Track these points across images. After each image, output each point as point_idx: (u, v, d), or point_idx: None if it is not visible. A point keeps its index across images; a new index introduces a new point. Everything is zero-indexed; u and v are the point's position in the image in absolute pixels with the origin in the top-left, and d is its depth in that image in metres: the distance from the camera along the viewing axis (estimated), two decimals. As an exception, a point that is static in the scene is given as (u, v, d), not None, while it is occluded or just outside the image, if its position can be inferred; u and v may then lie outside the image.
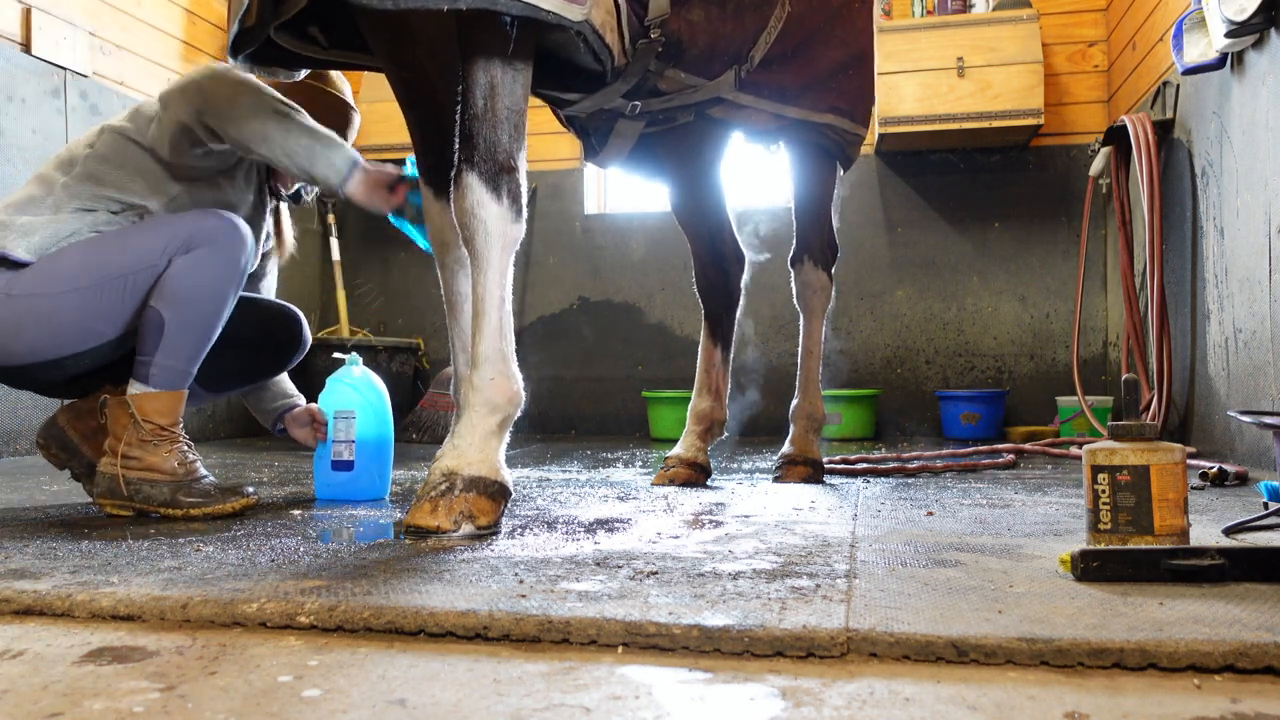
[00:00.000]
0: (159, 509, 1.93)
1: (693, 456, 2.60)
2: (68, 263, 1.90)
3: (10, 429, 3.54)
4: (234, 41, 1.87)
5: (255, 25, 1.82)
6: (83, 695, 0.91)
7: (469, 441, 1.70)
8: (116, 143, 2.02)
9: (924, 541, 1.60)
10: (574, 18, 1.69)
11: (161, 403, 1.94)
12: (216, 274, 1.93)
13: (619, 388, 5.20)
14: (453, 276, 2.08)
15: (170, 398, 1.95)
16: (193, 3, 4.60)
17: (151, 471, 1.94)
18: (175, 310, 1.90)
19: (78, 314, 1.89)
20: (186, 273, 1.90)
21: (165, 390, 1.94)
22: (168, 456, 1.94)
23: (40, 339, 1.89)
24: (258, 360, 2.25)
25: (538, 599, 1.16)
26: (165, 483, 1.93)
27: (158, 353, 1.91)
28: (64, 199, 1.97)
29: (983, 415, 4.54)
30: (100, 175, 2.00)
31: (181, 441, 1.99)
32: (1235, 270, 3.07)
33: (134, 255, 1.91)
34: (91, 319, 1.90)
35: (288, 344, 2.26)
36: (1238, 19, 2.77)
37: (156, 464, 1.94)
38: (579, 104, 2.22)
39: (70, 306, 1.88)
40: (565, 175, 5.34)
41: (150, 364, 1.92)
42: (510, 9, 1.61)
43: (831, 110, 2.54)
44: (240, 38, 1.86)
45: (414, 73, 2.00)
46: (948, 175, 4.94)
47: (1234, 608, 1.10)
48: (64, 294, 1.88)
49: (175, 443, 1.97)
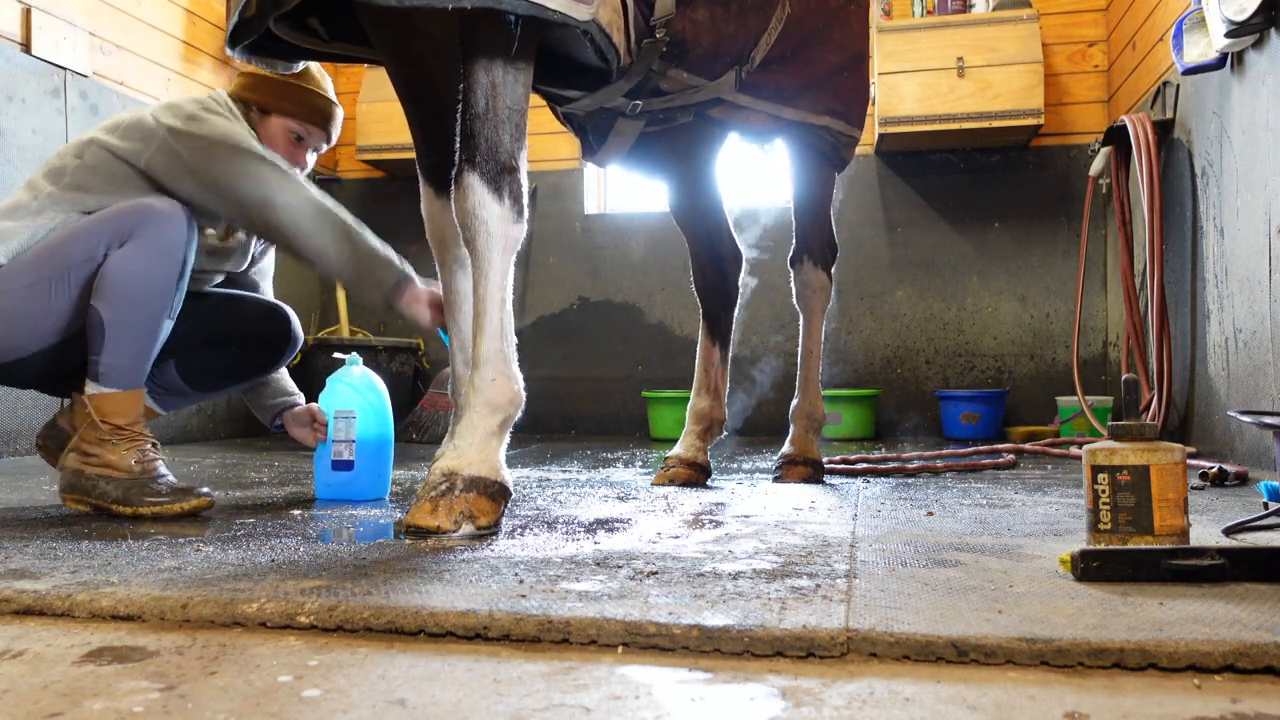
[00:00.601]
0: (112, 505, 1.93)
1: (693, 456, 2.60)
2: (26, 259, 1.92)
3: (10, 429, 3.54)
4: (232, 32, 1.87)
5: (255, 16, 1.81)
6: (83, 695, 0.91)
7: (469, 442, 1.70)
8: (104, 158, 2.02)
9: (924, 541, 1.60)
10: (581, 17, 1.68)
11: (115, 403, 1.95)
12: (150, 264, 1.91)
13: (619, 388, 5.20)
14: (452, 276, 2.08)
15: (124, 397, 1.95)
16: (193, 3, 4.60)
17: (108, 468, 1.94)
18: (112, 307, 1.89)
19: (29, 310, 1.90)
20: (120, 266, 1.90)
21: (120, 390, 1.94)
22: (126, 454, 1.94)
23: (2, 334, 1.90)
24: (246, 358, 2.25)
25: (538, 599, 1.16)
26: (121, 479, 1.93)
27: (103, 351, 1.91)
28: (47, 205, 1.98)
29: (983, 415, 4.54)
30: (87, 185, 2.00)
31: (143, 440, 1.99)
32: (1235, 270, 3.07)
33: (75, 248, 1.91)
34: (41, 315, 1.91)
35: (277, 342, 2.26)
36: (1238, 19, 2.77)
37: (114, 461, 1.94)
38: (579, 102, 2.21)
39: (23, 302, 1.89)
40: (565, 175, 5.34)
41: (99, 362, 1.92)
42: (516, 8, 1.60)
43: (828, 112, 2.54)
44: (239, 29, 1.85)
45: (416, 69, 1.99)
46: (948, 175, 4.94)
47: (1234, 608, 1.10)
48: (17, 290, 1.89)
49: (135, 441, 1.97)
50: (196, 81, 4.63)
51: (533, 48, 1.77)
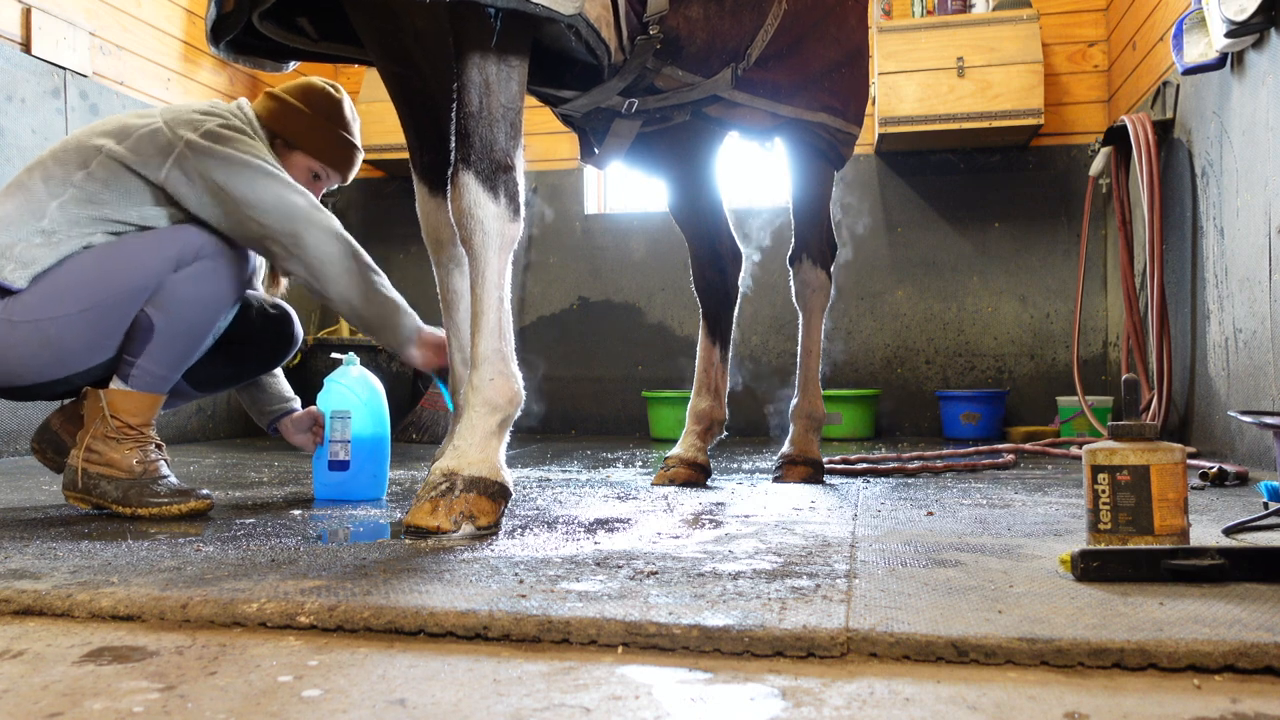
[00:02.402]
0: (111, 505, 1.93)
1: (693, 456, 2.60)
2: (68, 283, 1.87)
3: (10, 429, 3.54)
4: (213, 27, 1.83)
5: (233, 11, 1.79)
6: (83, 695, 0.91)
7: (469, 442, 1.69)
8: (115, 170, 1.93)
9: (924, 541, 1.60)
10: (566, 11, 1.66)
11: (134, 402, 1.94)
12: (216, 289, 1.94)
13: (619, 388, 5.20)
14: (449, 275, 2.07)
15: (144, 399, 1.95)
16: (193, 3, 4.60)
17: (110, 467, 1.93)
18: (168, 317, 1.90)
19: (84, 334, 1.88)
20: (187, 283, 1.90)
21: (141, 392, 1.94)
22: (129, 454, 1.94)
23: (47, 362, 1.88)
24: (248, 357, 2.24)
25: (538, 599, 1.16)
26: (122, 480, 1.93)
27: (142, 356, 1.91)
28: (60, 224, 1.89)
29: (983, 415, 4.54)
30: (100, 199, 1.92)
31: (149, 441, 1.98)
32: (1235, 270, 3.07)
33: (132, 276, 1.88)
34: (99, 337, 1.90)
35: (278, 340, 2.26)
36: (1238, 19, 2.77)
37: (116, 460, 1.93)
38: (575, 102, 2.21)
39: (75, 328, 1.87)
40: (565, 175, 5.34)
41: (133, 365, 1.92)
42: (495, 1, 1.58)
43: (826, 109, 2.53)
44: (220, 24, 1.83)
45: (406, 66, 1.98)
46: (948, 175, 4.94)
47: (1234, 608, 1.10)
48: (68, 316, 1.86)
49: (141, 442, 1.96)
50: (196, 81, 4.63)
51: (526, 45, 1.76)
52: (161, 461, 1.99)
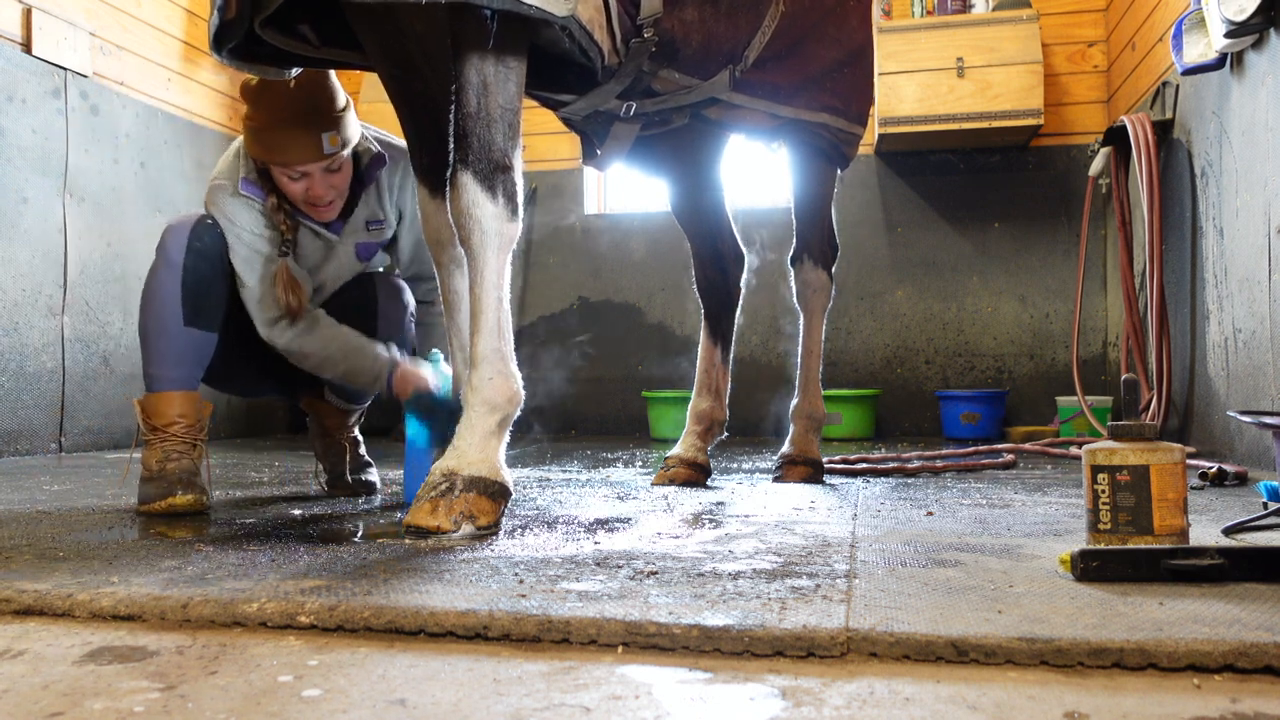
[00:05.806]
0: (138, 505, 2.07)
1: (693, 456, 2.60)
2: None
3: (11, 429, 3.53)
4: (215, 34, 1.84)
5: (235, 19, 1.79)
6: (83, 695, 0.91)
7: (469, 441, 1.70)
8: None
9: (924, 541, 1.60)
10: (558, 12, 1.67)
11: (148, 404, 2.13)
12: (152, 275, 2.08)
13: (619, 388, 5.21)
14: (450, 276, 2.08)
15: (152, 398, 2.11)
16: (193, 3, 4.60)
17: (142, 467, 2.07)
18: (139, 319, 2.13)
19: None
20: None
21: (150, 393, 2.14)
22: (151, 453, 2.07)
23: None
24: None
25: (538, 599, 1.16)
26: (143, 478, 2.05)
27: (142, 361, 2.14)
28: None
29: (983, 415, 4.54)
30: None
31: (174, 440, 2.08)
32: (1235, 270, 3.07)
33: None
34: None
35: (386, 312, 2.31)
36: (1237, 19, 2.78)
37: (145, 459, 2.06)
38: (573, 105, 2.21)
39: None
40: (565, 175, 5.34)
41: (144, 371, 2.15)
42: (491, 2, 1.59)
43: (826, 110, 2.53)
44: (222, 31, 1.83)
45: (406, 70, 1.98)
46: (948, 175, 4.94)
47: (1234, 608, 1.10)
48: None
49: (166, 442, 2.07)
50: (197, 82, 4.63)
51: (523, 47, 1.76)
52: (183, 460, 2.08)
